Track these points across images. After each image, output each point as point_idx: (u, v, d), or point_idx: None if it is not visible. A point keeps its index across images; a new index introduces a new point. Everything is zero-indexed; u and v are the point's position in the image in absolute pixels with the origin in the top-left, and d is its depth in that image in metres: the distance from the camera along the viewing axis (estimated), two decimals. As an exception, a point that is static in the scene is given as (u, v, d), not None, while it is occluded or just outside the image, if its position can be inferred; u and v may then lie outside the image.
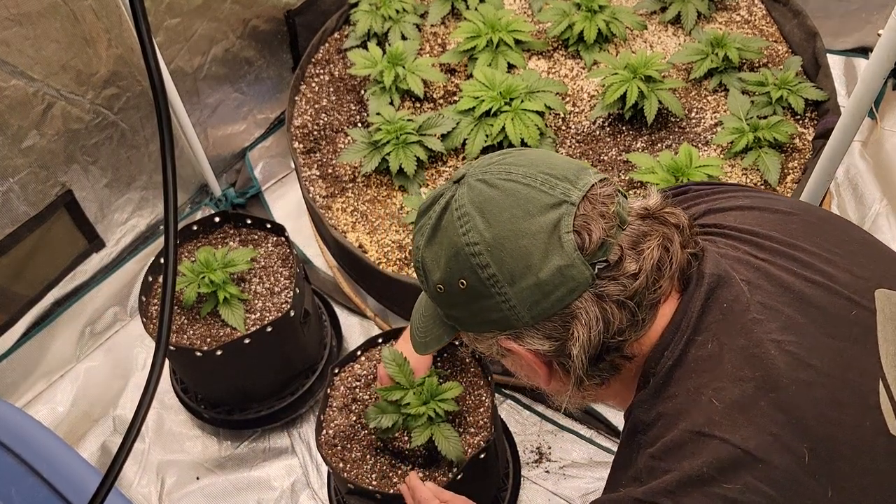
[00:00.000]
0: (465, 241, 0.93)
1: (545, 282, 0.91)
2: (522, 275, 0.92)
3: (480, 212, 0.93)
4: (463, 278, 0.95)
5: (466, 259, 0.94)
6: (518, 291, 0.93)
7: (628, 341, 0.96)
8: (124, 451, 1.00)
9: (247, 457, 2.13)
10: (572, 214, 0.91)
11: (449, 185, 0.99)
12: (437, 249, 0.97)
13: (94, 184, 2.19)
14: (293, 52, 2.63)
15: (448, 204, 0.97)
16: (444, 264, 0.96)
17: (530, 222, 0.91)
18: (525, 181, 0.93)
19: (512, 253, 0.92)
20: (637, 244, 0.94)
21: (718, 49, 2.23)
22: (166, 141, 1.01)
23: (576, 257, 0.90)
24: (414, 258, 1.02)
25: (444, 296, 0.99)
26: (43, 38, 1.87)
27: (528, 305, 0.93)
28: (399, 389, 1.65)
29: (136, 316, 2.39)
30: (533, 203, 0.92)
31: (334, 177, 2.26)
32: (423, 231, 1.00)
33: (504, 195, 0.93)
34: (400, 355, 1.71)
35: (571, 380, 0.99)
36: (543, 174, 0.94)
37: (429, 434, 1.61)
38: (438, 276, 0.98)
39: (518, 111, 2.13)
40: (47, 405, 2.24)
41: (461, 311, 0.99)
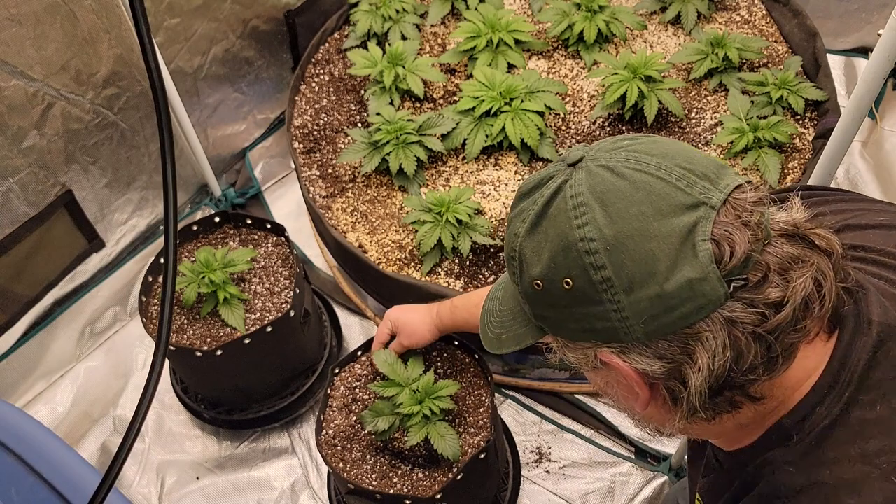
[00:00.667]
0: (578, 236, 0.79)
1: (670, 295, 0.77)
2: (643, 283, 0.78)
3: (602, 203, 0.79)
4: (569, 277, 0.81)
5: (578, 256, 0.80)
6: (635, 301, 0.79)
7: (759, 381, 0.82)
8: (124, 451, 1.00)
9: (247, 457, 2.13)
10: (711, 220, 0.77)
11: (560, 166, 0.85)
12: (541, 240, 0.83)
13: (94, 184, 2.19)
14: (293, 52, 2.63)
15: (560, 189, 0.82)
16: (547, 258, 0.82)
17: (662, 223, 0.78)
18: (659, 174, 0.79)
19: (635, 256, 0.78)
20: (785, 269, 0.79)
21: (718, 49, 2.23)
22: (166, 141, 1.00)
23: (710, 271, 0.77)
24: (508, 245, 0.88)
25: (541, 294, 0.85)
26: (43, 38, 1.87)
27: (645, 319, 0.79)
28: (394, 386, 1.65)
29: (136, 316, 2.39)
30: (667, 201, 0.78)
31: (334, 177, 2.26)
32: (525, 216, 0.85)
33: (633, 187, 0.79)
34: (392, 355, 1.71)
35: (681, 410, 0.84)
36: (681, 168, 0.80)
37: (425, 433, 1.61)
38: (538, 271, 0.84)
39: (518, 111, 2.13)
40: (47, 405, 2.24)
41: (558, 314, 0.85)
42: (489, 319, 1.00)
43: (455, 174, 2.19)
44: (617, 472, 2.01)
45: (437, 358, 1.82)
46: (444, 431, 1.62)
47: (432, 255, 2.02)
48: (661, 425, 0.93)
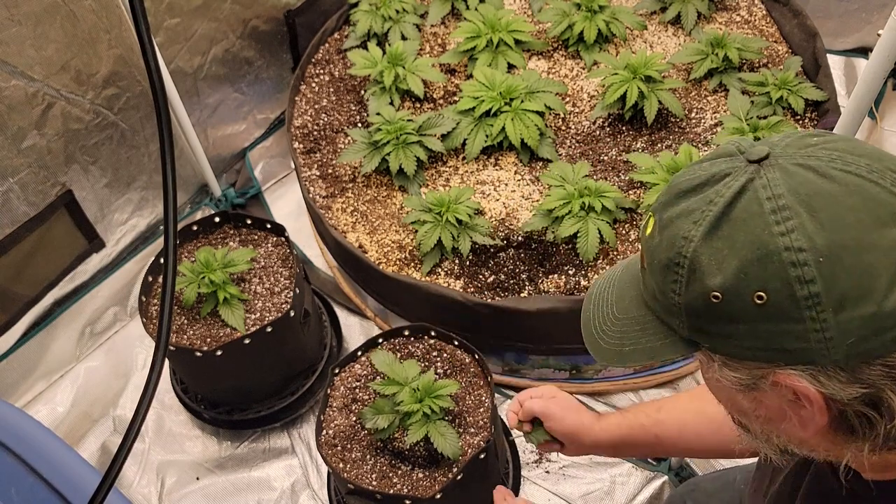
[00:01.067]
0: (783, 244, 0.69)
1: (887, 315, 0.68)
2: (858, 301, 0.69)
3: (809, 208, 0.70)
4: (764, 291, 0.71)
5: (781, 268, 0.69)
6: (843, 321, 0.69)
7: None
8: (124, 451, 1.00)
9: (247, 457, 2.13)
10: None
11: (737, 163, 0.75)
12: (724, 246, 0.73)
13: (94, 184, 2.19)
14: (293, 53, 2.63)
15: (745, 188, 0.73)
16: (734, 268, 0.72)
17: (882, 233, 0.69)
18: (871, 177, 0.70)
19: (851, 270, 0.68)
20: None
21: (718, 49, 2.23)
22: (166, 141, 1.01)
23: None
24: (673, 250, 0.76)
25: (717, 307, 0.74)
26: (43, 38, 1.87)
27: (852, 341, 0.69)
28: (394, 384, 1.65)
29: (136, 316, 2.39)
30: (885, 208, 0.69)
31: (334, 177, 2.26)
32: (699, 218, 0.74)
33: (846, 191, 0.70)
34: (390, 356, 1.72)
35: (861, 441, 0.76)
36: (893, 172, 0.71)
37: (424, 431, 1.61)
38: (719, 282, 0.73)
39: (518, 111, 2.13)
40: (47, 405, 2.24)
41: (734, 330, 0.74)
42: (599, 327, 0.89)
43: (455, 174, 2.19)
44: (616, 472, 2.01)
45: (437, 357, 1.82)
46: (444, 430, 1.63)
47: (432, 255, 2.02)
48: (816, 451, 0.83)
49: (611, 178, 2.12)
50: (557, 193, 1.97)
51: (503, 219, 2.08)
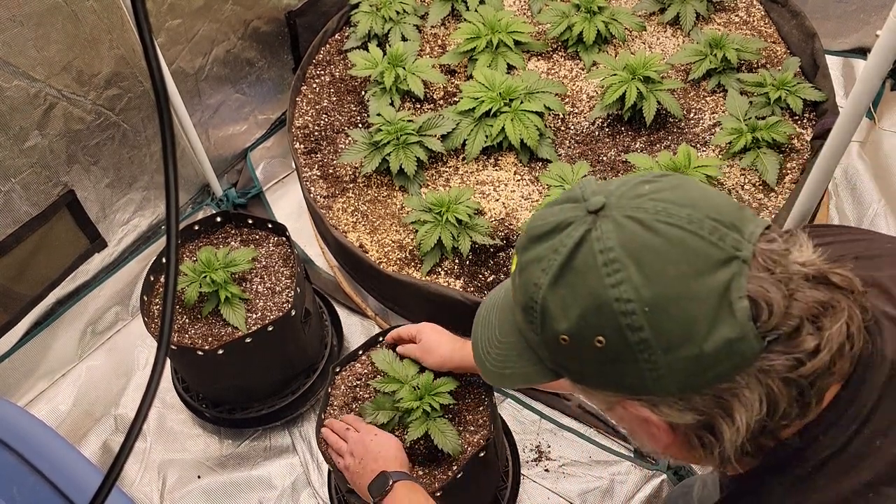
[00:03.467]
0: (613, 296, 0.76)
1: (708, 355, 0.75)
2: (681, 345, 0.76)
3: (637, 262, 0.76)
4: (602, 336, 0.78)
5: (613, 317, 0.77)
6: (671, 361, 0.76)
7: (790, 427, 0.82)
8: (126, 450, 1.01)
9: (248, 455, 2.14)
10: (744, 275, 0.75)
11: (579, 213, 0.81)
12: (568, 295, 0.80)
13: (96, 184, 2.20)
14: (294, 53, 2.64)
15: (584, 240, 0.79)
16: (577, 316, 0.79)
17: (700, 283, 0.75)
18: (691, 228, 0.76)
19: (675, 319, 0.75)
20: (816, 316, 0.77)
21: (717, 50, 2.24)
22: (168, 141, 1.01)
23: (749, 329, 0.75)
24: (527, 294, 0.84)
25: (567, 348, 0.82)
26: (44, 38, 1.87)
27: (680, 378, 0.77)
28: (394, 382, 1.66)
29: (138, 315, 2.40)
30: (703, 259, 0.76)
31: (335, 177, 2.27)
32: (546, 267, 0.81)
33: (668, 245, 0.76)
34: (390, 354, 1.72)
35: (710, 457, 0.84)
36: (711, 220, 0.77)
37: (424, 429, 1.62)
38: (565, 328, 0.80)
39: (517, 112, 2.14)
40: (49, 404, 2.25)
41: (585, 367, 0.83)
42: (485, 349, 0.96)
43: (455, 174, 2.20)
44: (616, 470, 2.01)
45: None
46: (444, 427, 1.63)
47: (432, 255, 2.02)
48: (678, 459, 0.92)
49: (610, 178, 2.13)
50: (556, 194, 1.98)
51: (503, 219, 2.09)
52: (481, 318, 0.99)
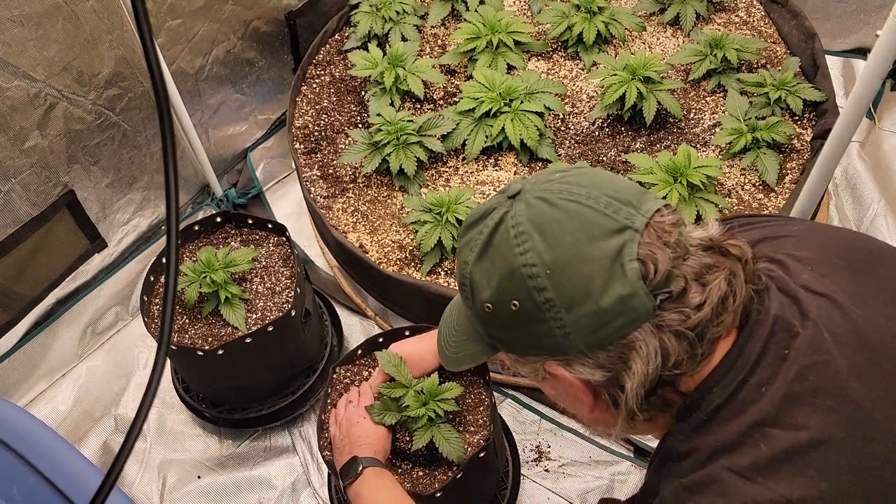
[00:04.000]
0: (521, 262, 0.89)
1: (605, 311, 0.87)
2: (581, 302, 0.87)
3: (540, 232, 0.89)
4: (516, 300, 0.90)
5: (523, 281, 0.89)
6: (575, 318, 0.88)
7: (684, 375, 0.92)
8: (126, 450, 1.01)
9: (248, 455, 2.14)
10: (636, 242, 0.87)
11: (502, 199, 0.94)
12: (489, 267, 0.93)
13: (96, 184, 2.20)
14: (294, 54, 2.64)
15: (502, 220, 0.92)
16: (495, 284, 0.92)
17: (593, 247, 0.87)
18: (588, 203, 0.89)
19: (572, 278, 0.87)
20: (701, 276, 0.89)
21: (717, 50, 2.24)
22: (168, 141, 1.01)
23: (639, 287, 0.86)
24: (460, 273, 0.98)
25: (492, 316, 0.94)
26: (45, 39, 1.87)
27: (585, 334, 0.89)
28: (400, 387, 1.66)
29: (138, 315, 2.40)
30: (597, 227, 0.88)
31: (335, 177, 2.27)
32: (473, 246, 0.95)
33: (566, 216, 0.89)
34: (396, 357, 1.72)
35: (621, 413, 0.94)
36: (607, 197, 0.89)
37: (430, 436, 1.62)
38: (487, 295, 0.93)
39: (518, 112, 2.14)
40: (49, 404, 2.25)
41: (509, 333, 0.95)
42: (446, 340, 1.08)
43: (455, 175, 2.20)
44: (616, 470, 2.01)
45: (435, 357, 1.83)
46: (448, 434, 1.63)
47: (432, 255, 2.02)
48: (607, 428, 1.02)
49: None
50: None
51: (503, 219, 2.09)
52: (444, 315, 1.12)
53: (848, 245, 1.04)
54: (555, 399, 1.05)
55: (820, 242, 1.03)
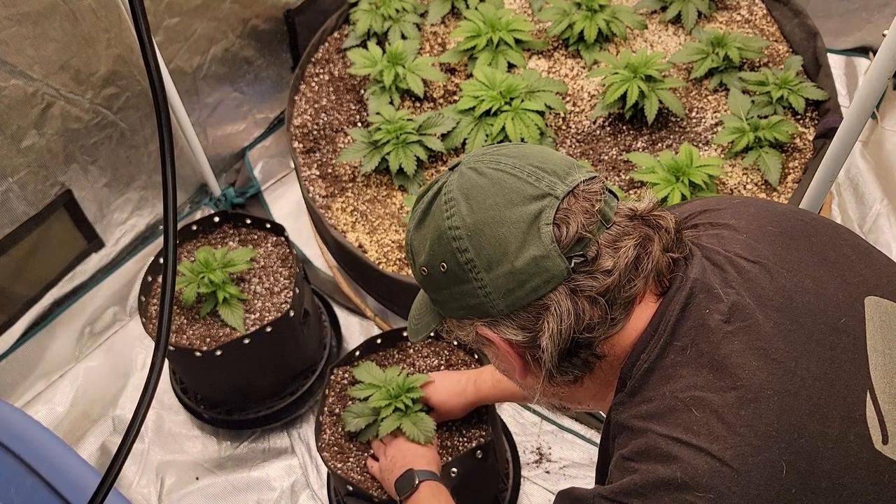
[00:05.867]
0: (447, 225, 0.95)
1: (520, 270, 0.92)
2: (499, 262, 0.93)
3: (466, 197, 0.95)
4: (444, 261, 0.96)
5: (448, 242, 0.95)
6: (494, 278, 0.94)
7: (598, 339, 0.96)
8: (124, 452, 1.00)
9: (246, 457, 2.13)
10: (554, 207, 0.92)
11: (445, 172, 1.01)
12: (425, 233, 0.99)
13: (94, 183, 2.18)
14: (293, 52, 2.63)
15: (440, 189, 0.98)
16: (428, 247, 0.98)
17: (511, 211, 0.92)
18: (512, 171, 0.94)
19: (490, 239, 0.93)
20: (616, 242, 0.94)
21: (719, 48, 2.23)
22: (166, 140, 1.00)
23: (552, 249, 0.91)
24: (406, 241, 1.05)
25: (428, 279, 1.01)
26: (42, 37, 1.86)
27: (503, 293, 0.94)
28: (370, 388, 1.65)
29: (136, 316, 2.39)
30: (517, 193, 0.93)
31: (334, 176, 2.26)
32: (415, 215, 1.02)
33: (490, 183, 0.94)
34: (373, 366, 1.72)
35: (542, 374, 0.99)
36: (532, 166, 0.95)
37: (397, 423, 1.61)
38: (423, 259, 1.00)
39: (518, 111, 2.12)
40: (46, 405, 2.23)
41: (443, 296, 1.01)
42: (412, 312, 1.14)
43: (455, 174, 2.19)
44: (617, 472, 2.00)
45: (436, 357, 1.82)
46: (418, 419, 1.61)
47: (432, 255, 2.01)
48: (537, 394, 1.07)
49: (611, 177, 2.12)
50: (558, 193, 1.96)
51: (503, 218, 2.08)
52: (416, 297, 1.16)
53: (783, 214, 1.06)
54: (497, 367, 1.12)
55: (756, 212, 1.06)
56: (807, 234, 1.03)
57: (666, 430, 0.90)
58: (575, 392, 1.05)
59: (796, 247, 1.00)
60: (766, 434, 0.87)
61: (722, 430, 0.88)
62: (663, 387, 0.93)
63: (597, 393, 1.05)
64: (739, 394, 0.89)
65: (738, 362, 0.90)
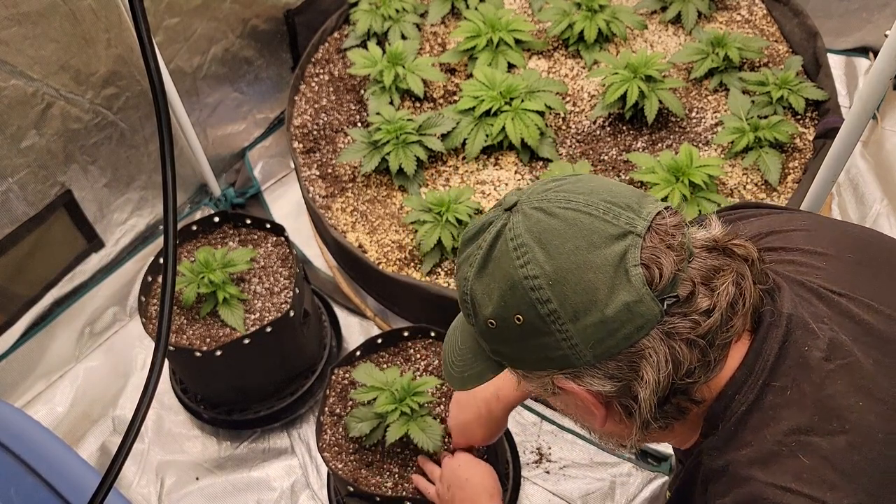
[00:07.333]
0: (523, 274, 0.86)
1: (611, 319, 0.84)
2: (586, 311, 0.84)
3: (539, 242, 0.86)
4: (519, 314, 0.87)
5: (525, 293, 0.86)
6: (581, 329, 0.85)
7: (698, 383, 0.89)
8: (124, 452, 1.00)
9: (246, 457, 2.13)
10: (638, 246, 0.85)
11: (498, 212, 0.91)
12: (489, 282, 0.89)
13: (94, 184, 2.18)
14: (293, 52, 2.63)
15: (500, 233, 0.89)
16: (497, 298, 0.88)
17: (594, 254, 0.84)
18: (586, 210, 0.86)
19: (575, 287, 0.84)
20: (709, 279, 0.87)
21: (719, 49, 2.23)
22: (166, 141, 1.00)
23: (644, 293, 0.84)
24: (460, 289, 0.94)
25: (496, 331, 0.91)
26: (42, 37, 1.86)
27: (592, 344, 0.86)
28: (374, 390, 1.65)
29: (136, 316, 2.39)
30: (596, 234, 0.85)
31: (334, 177, 2.26)
32: (472, 261, 0.91)
33: (565, 225, 0.86)
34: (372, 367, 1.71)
35: (635, 423, 0.91)
36: (605, 202, 0.87)
37: (404, 430, 1.60)
38: (490, 311, 0.89)
39: (518, 111, 2.12)
40: (46, 405, 2.23)
41: (514, 348, 0.91)
42: (451, 359, 1.04)
43: (455, 174, 2.19)
44: (617, 472, 2.00)
45: (436, 357, 1.82)
46: (425, 425, 1.61)
47: (432, 255, 2.01)
48: (621, 439, 1.00)
49: (611, 177, 2.12)
50: (558, 193, 1.96)
51: (503, 218, 2.07)
52: (448, 337, 1.07)
53: (860, 239, 1.02)
54: (565, 413, 1.04)
55: (831, 237, 1.01)
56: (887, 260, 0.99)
57: (772, 479, 0.85)
58: (661, 435, 0.99)
59: (879, 275, 0.96)
60: (880, 482, 0.83)
61: (836, 477, 0.83)
62: (764, 430, 0.87)
63: (680, 435, 0.99)
64: (849, 438, 0.84)
65: (843, 403, 0.85)
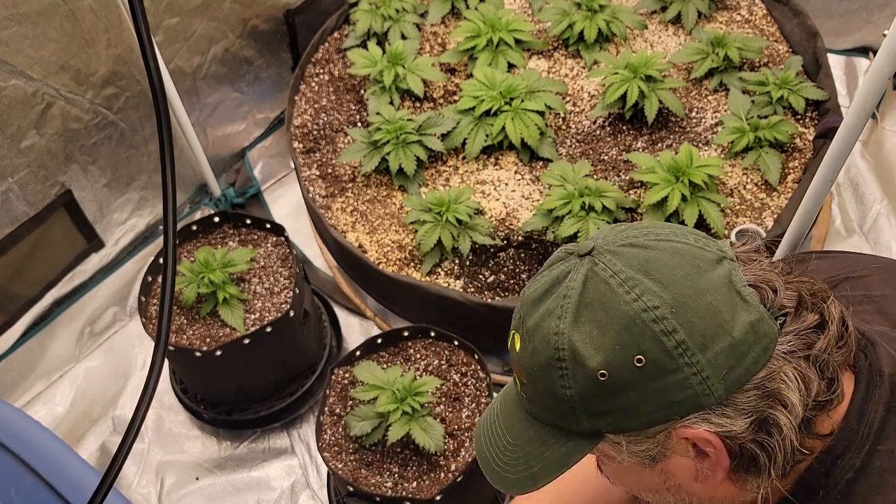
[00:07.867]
0: (640, 307, 0.78)
1: (740, 342, 0.78)
2: (714, 337, 0.78)
3: (646, 273, 0.79)
4: (640, 353, 0.78)
5: (645, 327, 0.78)
6: (712, 357, 0.78)
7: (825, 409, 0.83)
8: (123, 451, 1.00)
9: (246, 457, 2.13)
10: (738, 269, 0.82)
11: (572, 260, 0.84)
12: (594, 328, 0.80)
13: (94, 184, 2.18)
14: (293, 52, 2.63)
15: (588, 277, 0.81)
16: (609, 342, 0.79)
17: (706, 278, 0.79)
18: (679, 240, 0.82)
19: (699, 312, 0.78)
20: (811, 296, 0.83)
21: (719, 48, 2.23)
22: (165, 141, 1.00)
23: (763, 311, 0.80)
24: (549, 350, 0.82)
25: (607, 385, 0.80)
26: (42, 37, 1.86)
27: (723, 373, 0.78)
28: (375, 389, 1.65)
29: (136, 316, 2.39)
30: (699, 258, 0.81)
31: (334, 176, 2.26)
32: (561, 313, 0.82)
33: (666, 254, 0.81)
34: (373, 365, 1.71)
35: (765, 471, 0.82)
36: (691, 233, 0.84)
37: (406, 429, 1.60)
38: (600, 360, 0.79)
39: (518, 111, 2.12)
40: (46, 405, 2.23)
41: (628, 401, 0.80)
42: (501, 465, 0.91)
43: (455, 174, 2.19)
44: (617, 472, 2.00)
45: (437, 357, 1.82)
46: (427, 425, 1.61)
47: (432, 255, 2.01)
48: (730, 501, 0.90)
49: (611, 177, 2.12)
50: (558, 193, 1.96)
51: (503, 219, 2.08)
52: (483, 438, 0.96)
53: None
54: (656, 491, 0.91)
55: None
56: None
57: None
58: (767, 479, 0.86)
59: None
60: None
61: None
62: (874, 497, 0.82)
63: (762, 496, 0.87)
64: None
65: None
